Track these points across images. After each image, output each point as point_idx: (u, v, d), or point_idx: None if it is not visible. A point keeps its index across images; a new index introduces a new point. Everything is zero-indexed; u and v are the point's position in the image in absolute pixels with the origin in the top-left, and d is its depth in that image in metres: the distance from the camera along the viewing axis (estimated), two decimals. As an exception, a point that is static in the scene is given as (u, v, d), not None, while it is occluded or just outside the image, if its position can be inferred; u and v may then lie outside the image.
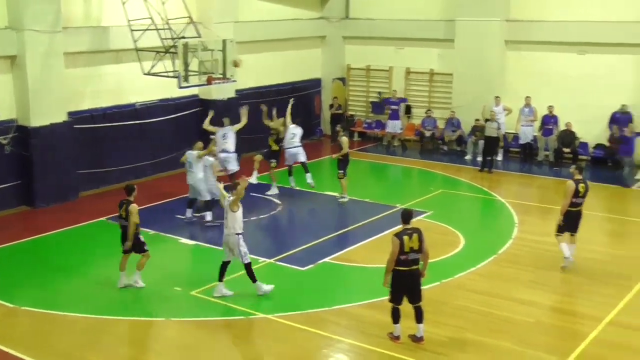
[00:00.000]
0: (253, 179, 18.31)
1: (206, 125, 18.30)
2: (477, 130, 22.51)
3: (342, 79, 27.08)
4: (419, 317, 10.78)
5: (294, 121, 19.08)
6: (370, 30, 26.16)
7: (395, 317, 10.80)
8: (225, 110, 21.90)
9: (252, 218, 16.70)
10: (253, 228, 15.97)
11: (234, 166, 17.95)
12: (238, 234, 12.22)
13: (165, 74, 17.67)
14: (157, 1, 17.97)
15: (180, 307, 12.35)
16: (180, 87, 17.64)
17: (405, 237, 10.36)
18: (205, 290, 12.82)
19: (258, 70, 23.70)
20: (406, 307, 10.77)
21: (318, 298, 12.60)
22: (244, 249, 12.27)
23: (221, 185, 13.70)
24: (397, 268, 10.47)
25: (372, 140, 25.95)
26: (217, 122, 18.36)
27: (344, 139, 18.21)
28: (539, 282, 13.29)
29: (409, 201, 17.85)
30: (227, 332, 11.50)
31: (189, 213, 16.57)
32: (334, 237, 15.74)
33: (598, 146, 22.15)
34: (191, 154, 16.34)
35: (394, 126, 24.65)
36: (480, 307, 12.22)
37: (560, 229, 13.84)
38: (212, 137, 17.35)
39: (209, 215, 16.31)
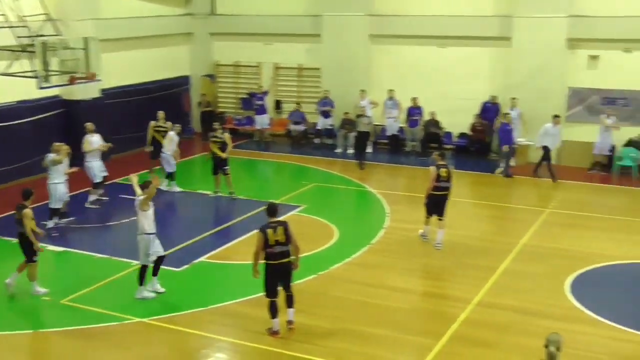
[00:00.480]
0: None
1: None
2: (347, 123, 22.92)
3: (211, 76, 26.79)
4: (290, 302, 11.06)
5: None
6: (238, 26, 26.01)
7: (273, 311, 10.88)
8: (90, 110, 21.24)
9: (123, 221, 16.28)
10: (124, 231, 15.53)
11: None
12: (149, 234, 11.97)
13: (23, 74, 16.76)
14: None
15: (50, 317, 11.82)
16: (41, 88, 16.75)
17: (269, 231, 10.50)
18: (75, 298, 12.31)
19: (123, 69, 23.00)
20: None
21: (195, 298, 12.40)
22: (153, 249, 12.05)
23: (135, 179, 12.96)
24: (268, 262, 10.63)
25: (243, 137, 25.84)
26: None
27: (227, 135, 18.21)
28: (412, 269, 13.70)
29: (283, 196, 17.95)
30: (101, 339, 11.02)
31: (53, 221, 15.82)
32: (208, 236, 15.55)
33: (462, 135, 23.13)
34: (48, 157, 15.60)
35: (261, 121, 24.62)
36: (356, 296, 12.42)
37: (427, 212, 14.48)
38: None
39: (50, 223, 15.58)
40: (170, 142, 18.72)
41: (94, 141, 17.54)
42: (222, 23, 26.31)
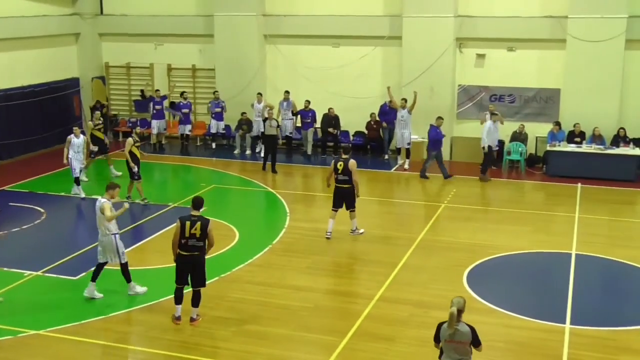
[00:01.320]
0: None
1: None
2: (244, 124, 22.85)
3: (102, 78, 26.07)
4: (194, 301, 11.25)
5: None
6: (128, 26, 25.46)
7: (177, 297, 11.28)
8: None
9: (13, 230, 15.61)
10: (16, 239, 14.89)
11: None
12: (114, 234, 12.00)
13: None
14: None
15: None
16: None
17: (188, 223, 10.82)
18: (-36, 313, 11.72)
19: (6, 71, 22.12)
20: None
21: (94, 306, 12.02)
22: (122, 249, 12.12)
23: None
24: (179, 251, 11.00)
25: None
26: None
27: (129, 140, 17.80)
28: (314, 268, 13.77)
29: (181, 199, 17.68)
30: (-7, 355, 10.59)
31: None
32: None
33: (357, 133, 23.49)
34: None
35: (159, 125, 24.12)
36: (258, 297, 12.39)
37: (333, 205, 15.06)
38: None
39: None
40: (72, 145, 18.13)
41: None
42: (111, 23, 25.70)
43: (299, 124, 23.29)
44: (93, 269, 12.42)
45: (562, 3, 20.92)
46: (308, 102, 22.72)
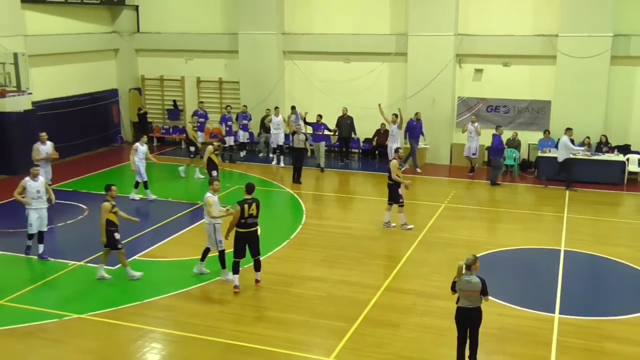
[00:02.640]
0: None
1: None
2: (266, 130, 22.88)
3: (138, 89, 26.21)
4: (257, 267, 12.38)
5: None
6: (161, 43, 25.59)
7: (236, 269, 12.03)
8: (22, 121, 20.44)
9: (58, 224, 15.74)
10: (61, 233, 14.99)
11: None
12: (214, 223, 12.36)
13: (-46, 89, 16.02)
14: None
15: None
16: (-29, 101, 16.08)
17: (246, 206, 11.76)
18: (14, 299, 11.80)
19: (54, 83, 22.32)
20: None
21: (130, 294, 12.10)
22: (220, 237, 12.39)
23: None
24: (238, 230, 11.85)
25: (170, 145, 25.43)
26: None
27: (209, 148, 17.85)
28: (327, 260, 13.76)
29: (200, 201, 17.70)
30: (38, 336, 10.59)
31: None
32: (141, 236, 15.12)
33: (366, 140, 23.45)
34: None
35: (202, 136, 23.27)
36: (277, 286, 12.41)
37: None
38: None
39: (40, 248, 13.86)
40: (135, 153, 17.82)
41: (42, 149, 16.88)
42: (146, 40, 25.82)
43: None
44: (129, 259, 12.46)
45: (552, 23, 20.83)
46: (320, 116, 22.16)
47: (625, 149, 20.56)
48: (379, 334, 10.59)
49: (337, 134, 22.69)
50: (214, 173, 17.28)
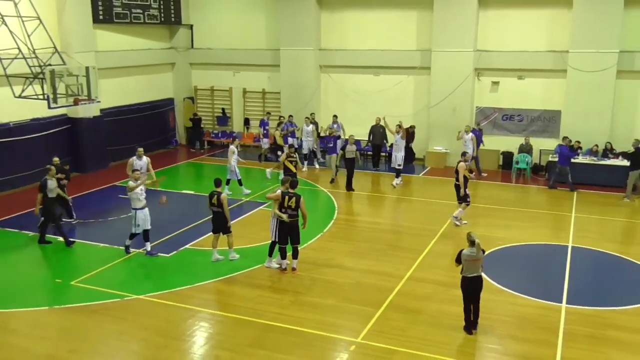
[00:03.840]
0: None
1: None
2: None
3: (192, 98, 26.54)
4: (295, 255, 12.49)
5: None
6: (212, 57, 25.83)
7: (283, 254, 12.44)
8: (92, 126, 20.89)
9: (121, 216, 16.01)
10: (120, 226, 15.26)
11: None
12: (274, 217, 12.52)
13: (36, 97, 16.34)
14: (23, 33, 16.64)
15: (62, 296, 11.54)
16: (50, 108, 16.42)
17: (287, 197, 12.09)
18: (83, 280, 12.08)
19: (119, 92, 22.73)
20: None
21: (182, 278, 12.26)
22: (273, 229, 12.53)
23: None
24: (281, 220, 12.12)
25: (219, 148, 25.70)
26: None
27: (283, 156, 17.51)
28: (356, 252, 13.75)
29: (250, 196, 17.87)
30: (104, 313, 10.83)
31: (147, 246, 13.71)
32: (190, 228, 15.29)
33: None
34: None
35: (264, 142, 23.10)
36: (311, 274, 12.46)
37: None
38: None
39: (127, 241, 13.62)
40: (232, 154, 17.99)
41: (137, 164, 15.68)
42: (199, 55, 26.09)
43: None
44: (181, 248, 12.62)
45: (563, 40, 20.48)
46: (331, 128, 21.33)
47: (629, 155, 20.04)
48: (402, 319, 10.56)
49: (370, 139, 22.34)
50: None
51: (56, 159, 15.49)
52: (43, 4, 18.97)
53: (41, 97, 16.23)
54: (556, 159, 19.64)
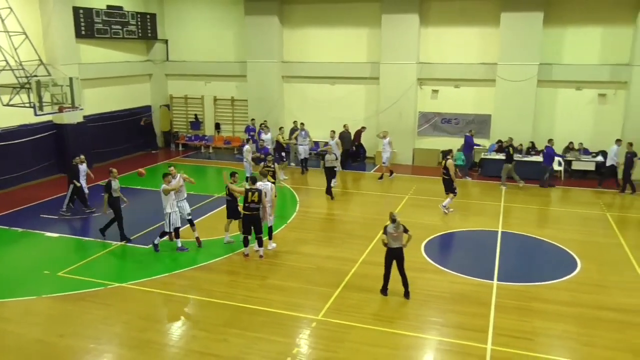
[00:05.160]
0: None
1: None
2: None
3: (167, 105, 26.08)
4: (259, 243, 12.42)
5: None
6: (186, 69, 25.46)
7: (246, 243, 12.42)
8: (76, 131, 20.34)
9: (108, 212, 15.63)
10: (103, 221, 14.88)
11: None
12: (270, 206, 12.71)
13: (23, 105, 15.83)
14: (10, 47, 16.12)
15: (50, 286, 11.20)
16: (36, 115, 15.94)
17: (249, 193, 12.07)
18: (69, 271, 11.77)
19: (100, 101, 22.18)
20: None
21: (162, 266, 12.09)
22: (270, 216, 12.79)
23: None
24: (244, 212, 12.22)
25: (192, 150, 25.35)
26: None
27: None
28: (317, 240, 13.79)
29: (224, 191, 17.65)
30: (89, 300, 10.59)
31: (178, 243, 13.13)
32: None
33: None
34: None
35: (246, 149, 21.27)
36: (277, 260, 12.45)
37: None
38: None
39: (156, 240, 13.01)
40: (247, 153, 18.10)
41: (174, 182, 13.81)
42: (174, 67, 25.68)
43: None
44: (160, 239, 12.45)
45: (493, 53, 20.92)
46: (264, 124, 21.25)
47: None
48: (357, 297, 10.64)
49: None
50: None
51: (82, 157, 16.05)
52: (29, 20, 18.45)
53: (28, 105, 15.73)
54: (490, 157, 20.06)
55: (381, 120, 22.17)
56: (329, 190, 17.56)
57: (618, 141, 18.79)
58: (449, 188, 15.90)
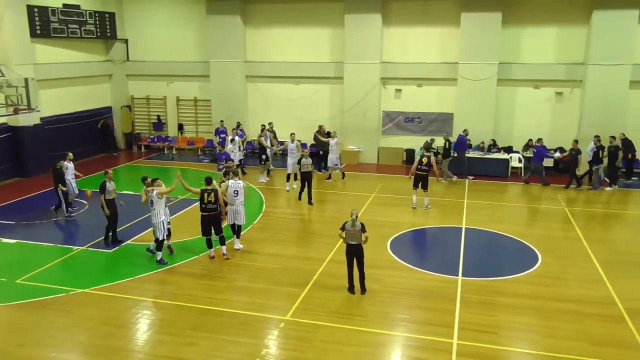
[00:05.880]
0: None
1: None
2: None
3: (129, 106, 25.54)
4: (222, 242, 12.35)
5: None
6: (147, 69, 25.00)
7: (209, 244, 12.26)
8: (32, 134, 19.72)
9: (60, 218, 15.21)
10: (65, 224, 14.50)
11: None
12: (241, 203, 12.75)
13: (-25, 107, 15.31)
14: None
15: (7, 294, 10.80)
16: (-10, 117, 15.41)
17: (205, 194, 11.93)
18: (29, 277, 11.39)
19: (59, 102, 21.54)
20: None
21: (125, 271, 11.82)
22: (239, 215, 12.84)
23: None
24: (202, 213, 12.03)
25: (155, 151, 24.91)
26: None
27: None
28: (283, 240, 13.74)
29: (188, 193, 17.40)
30: (49, 307, 10.28)
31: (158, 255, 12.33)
32: (131, 225, 14.74)
33: (312, 145, 23.31)
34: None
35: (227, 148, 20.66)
36: (243, 261, 12.33)
37: (414, 185, 16.06)
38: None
39: (158, 255, 12.31)
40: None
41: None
42: (135, 67, 25.18)
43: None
44: (123, 244, 12.14)
45: (454, 53, 21.25)
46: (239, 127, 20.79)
47: (509, 150, 21.18)
48: (324, 296, 10.63)
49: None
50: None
51: (70, 155, 15.70)
52: (-20, 19, 17.74)
53: (-19, 107, 15.19)
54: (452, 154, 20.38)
55: (345, 120, 22.25)
56: (308, 196, 16.50)
57: (596, 138, 19.35)
58: (426, 184, 16.03)
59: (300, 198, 16.90)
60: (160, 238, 12.07)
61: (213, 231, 12.27)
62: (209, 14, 23.14)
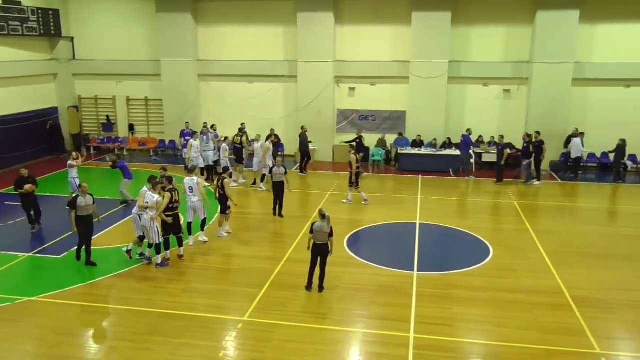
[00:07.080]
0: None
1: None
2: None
3: (76, 107, 24.71)
4: (180, 243, 12.27)
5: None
6: (95, 68, 24.26)
7: (167, 245, 12.01)
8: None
9: (9, 222, 14.59)
10: (11, 230, 13.91)
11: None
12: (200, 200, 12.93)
13: None
14: None
15: (-51, 305, 10.30)
16: None
17: (173, 194, 11.82)
18: (-29, 288, 10.86)
19: (1, 102, 20.60)
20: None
21: (75, 277, 11.44)
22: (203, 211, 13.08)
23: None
24: (166, 213, 11.75)
25: (104, 152, 24.20)
26: None
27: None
28: (240, 240, 13.61)
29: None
30: (-4, 318, 9.84)
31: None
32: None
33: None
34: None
35: (184, 153, 20.28)
36: (201, 263, 12.18)
37: (357, 183, 16.40)
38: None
39: (158, 259, 12.06)
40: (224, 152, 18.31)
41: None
42: (82, 66, 24.39)
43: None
44: (72, 249, 11.76)
45: (405, 51, 21.58)
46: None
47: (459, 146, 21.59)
48: (282, 296, 10.62)
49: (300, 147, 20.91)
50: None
51: (74, 154, 15.80)
52: None
53: None
54: (406, 152, 20.70)
55: (300, 118, 22.25)
56: (279, 207, 15.47)
57: (581, 134, 19.89)
58: (355, 181, 16.45)
59: (275, 213, 15.57)
60: (157, 241, 11.82)
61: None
62: (159, 11, 22.67)
